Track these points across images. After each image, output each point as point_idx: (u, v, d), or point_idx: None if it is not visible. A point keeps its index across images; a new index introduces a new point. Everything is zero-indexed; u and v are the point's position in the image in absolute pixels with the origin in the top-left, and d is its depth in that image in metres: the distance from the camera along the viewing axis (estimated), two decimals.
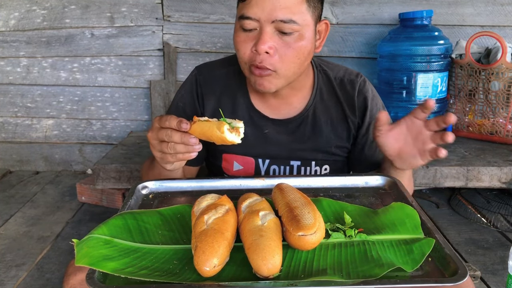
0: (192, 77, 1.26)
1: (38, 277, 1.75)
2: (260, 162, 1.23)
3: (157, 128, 0.95)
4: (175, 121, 0.90)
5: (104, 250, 0.72)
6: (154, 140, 0.96)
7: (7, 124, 2.87)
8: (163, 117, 0.94)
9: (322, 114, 1.21)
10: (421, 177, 1.99)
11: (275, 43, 1.02)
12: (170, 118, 0.92)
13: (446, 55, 2.31)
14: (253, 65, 1.05)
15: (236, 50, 1.09)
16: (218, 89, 1.23)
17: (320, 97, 1.21)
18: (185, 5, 2.61)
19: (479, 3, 2.54)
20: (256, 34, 1.03)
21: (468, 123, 2.35)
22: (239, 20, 1.05)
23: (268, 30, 1.01)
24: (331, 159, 1.24)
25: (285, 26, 1.01)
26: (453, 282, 0.66)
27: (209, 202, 0.82)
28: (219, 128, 0.87)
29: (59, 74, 2.76)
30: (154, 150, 0.97)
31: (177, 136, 0.91)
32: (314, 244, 0.73)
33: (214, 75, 1.24)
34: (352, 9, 2.58)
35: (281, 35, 1.02)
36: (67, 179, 2.77)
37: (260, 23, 1.01)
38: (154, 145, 0.96)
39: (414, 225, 0.82)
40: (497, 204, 2.30)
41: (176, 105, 1.27)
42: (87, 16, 2.66)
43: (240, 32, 1.06)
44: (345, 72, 1.24)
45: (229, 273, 0.71)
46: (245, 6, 1.02)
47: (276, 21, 1.00)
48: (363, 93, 1.21)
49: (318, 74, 1.22)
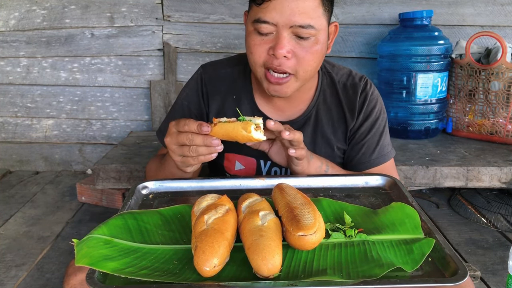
0: (197, 76, 1.26)
1: (38, 277, 1.75)
2: (262, 163, 1.23)
3: (175, 133, 0.95)
4: (194, 125, 0.91)
5: (104, 250, 0.72)
6: (174, 145, 0.96)
7: (7, 124, 2.87)
8: (180, 122, 0.94)
9: (324, 115, 1.21)
10: (421, 177, 1.99)
11: (292, 47, 1.02)
12: (189, 122, 0.92)
13: (446, 55, 2.31)
14: (270, 68, 1.04)
15: (249, 53, 1.07)
16: (223, 88, 1.23)
17: (323, 99, 1.21)
18: (185, 5, 2.62)
19: (479, 3, 2.54)
20: (272, 38, 1.02)
21: (468, 123, 2.35)
22: (253, 23, 1.03)
23: (285, 35, 1.00)
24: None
25: (303, 31, 1.00)
26: (453, 282, 0.66)
27: (209, 202, 0.82)
28: (245, 128, 0.89)
29: (59, 74, 2.76)
30: (174, 155, 0.97)
31: (199, 139, 0.92)
32: (314, 244, 0.73)
33: (220, 74, 1.24)
34: (352, 9, 2.58)
35: (298, 39, 1.02)
36: (67, 179, 2.77)
37: (278, 27, 1.00)
38: (174, 150, 0.97)
39: (414, 225, 0.82)
40: (497, 204, 2.30)
41: (181, 104, 1.26)
42: (87, 16, 2.66)
43: (255, 36, 1.04)
44: (348, 76, 1.23)
45: (229, 273, 0.71)
46: (261, 10, 1.00)
47: (294, 26, 0.99)
48: (363, 95, 1.21)
49: (323, 76, 1.23)
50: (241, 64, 1.24)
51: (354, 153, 1.23)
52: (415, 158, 2.07)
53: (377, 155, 1.22)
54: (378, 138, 1.22)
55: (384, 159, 1.23)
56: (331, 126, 1.22)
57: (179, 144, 0.95)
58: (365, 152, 1.21)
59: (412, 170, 1.99)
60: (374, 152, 1.21)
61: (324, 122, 1.21)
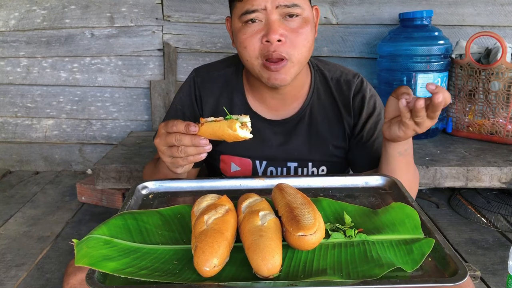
0: (190, 80, 1.27)
1: (38, 277, 1.75)
2: (257, 163, 1.23)
3: (164, 134, 0.95)
4: (182, 125, 0.92)
5: (104, 250, 0.72)
6: (163, 146, 0.96)
7: (7, 124, 2.87)
8: (168, 123, 0.94)
9: (319, 114, 1.21)
10: (421, 177, 1.99)
11: (284, 30, 1.04)
12: (177, 123, 0.93)
13: (446, 55, 2.31)
14: (267, 58, 1.05)
15: (242, 49, 1.08)
16: (216, 91, 1.24)
17: (317, 97, 1.21)
18: (185, 5, 2.62)
19: (479, 3, 2.54)
20: (262, 26, 1.04)
21: (468, 123, 2.35)
22: (241, 17, 1.05)
23: (275, 18, 1.03)
24: (328, 160, 1.24)
25: (290, 10, 1.03)
26: (453, 282, 0.66)
27: (209, 202, 0.82)
28: (231, 127, 0.89)
29: (59, 74, 2.76)
30: (164, 156, 0.98)
31: (187, 139, 0.92)
32: (314, 244, 0.73)
33: (212, 77, 1.25)
34: (352, 9, 2.58)
35: (287, 21, 1.04)
36: (67, 179, 2.77)
37: (266, 12, 1.03)
38: (163, 151, 0.97)
39: (414, 225, 0.82)
40: (497, 204, 2.30)
41: (175, 108, 1.28)
42: (87, 16, 2.66)
43: (245, 29, 1.06)
44: (342, 73, 1.24)
45: (229, 273, 0.71)
46: (246, 2, 1.04)
47: (280, 6, 1.02)
48: (359, 93, 1.21)
49: (315, 74, 1.23)
50: (233, 65, 1.24)
51: (369, 150, 1.23)
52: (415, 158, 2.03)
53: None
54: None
55: None
56: (326, 124, 1.22)
57: (168, 145, 0.95)
58: (377, 147, 1.21)
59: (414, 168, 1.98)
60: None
61: (319, 120, 1.21)
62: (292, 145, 1.21)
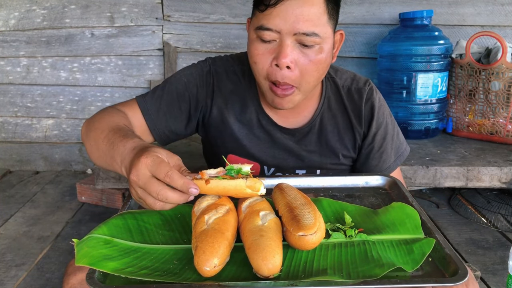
0: (205, 65, 1.18)
1: (38, 277, 1.75)
2: (265, 169, 1.21)
3: (146, 176, 0.73)
4: (180, 181, 0.72)
5: (104, 250, 0.72)
6: (139, 189, 0.74)
7: (7, 124, 2.86)
8: (160, 166, 0.72)
9: (329, 123, 1.18)
10: (421, 177, 1.99)
11: (296, 56, 0.98)
12: (172, 174, 0.72)
13: (446, 55, 2.31)
14: (274, 82, 1.01)
15: (252, 63, 1.03)
16: (229, 86, 1.17)
17: (328, 105, 1.18)
18: (185, 5, 2.61)
19: (479, 3, 2.54)
20: (275, 47, 0.98)
21: (468, 123, 2.35)
22: (256, 30, 0.98)
23: (289, 43, 0.96)
24: (336, 169, 1.22)
25: (307, 39, 0.96)
26: (453, 282, 0.66)
27: (210, 202, 0.82)
28: (252, 187, 0.79)
29: (59, 74, 2.76)
30: (133, 193, 0.77)
31: (175, 197, 0.73)
32: (314, 244, 0.73)
33: (228, 71, 1.18)
34: (352, 9, 2.58)
35: (302, 47, 0.98)
36: (67, 179, 2.77)
37: (281, 35, 0.96)
38: (138, 193, 0.75)
39: (414, 225, 0.82)
40: (497, 204, 2.30)
41: (179, 78, 1.17)
42: (87, 16, 2.66)
43: (258, 44, 1.00)
44: (352, 80, 1.20)
45: (230, 273, 0.71)
46: (264, 16, 0.96)
47: (298, 34, 0.95)
48: (370, 102, 1.18)
49: (327, 82, 1.19)
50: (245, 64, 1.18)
51: (375, 162, 1.21)
52: (415, 158, 2.07)
53: (395, 157, 1.22)
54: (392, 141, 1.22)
55: (402, 158, 1.24)
56: (336, 133, 1.19)
57: (146, 191, 0.74)
58: (385, 159, 1.20)
59: (412, 170, 1.99)
60: (392, 156, 1.22)
61: (329, 130, 1.18)
62: (303, 153, 1.19)
